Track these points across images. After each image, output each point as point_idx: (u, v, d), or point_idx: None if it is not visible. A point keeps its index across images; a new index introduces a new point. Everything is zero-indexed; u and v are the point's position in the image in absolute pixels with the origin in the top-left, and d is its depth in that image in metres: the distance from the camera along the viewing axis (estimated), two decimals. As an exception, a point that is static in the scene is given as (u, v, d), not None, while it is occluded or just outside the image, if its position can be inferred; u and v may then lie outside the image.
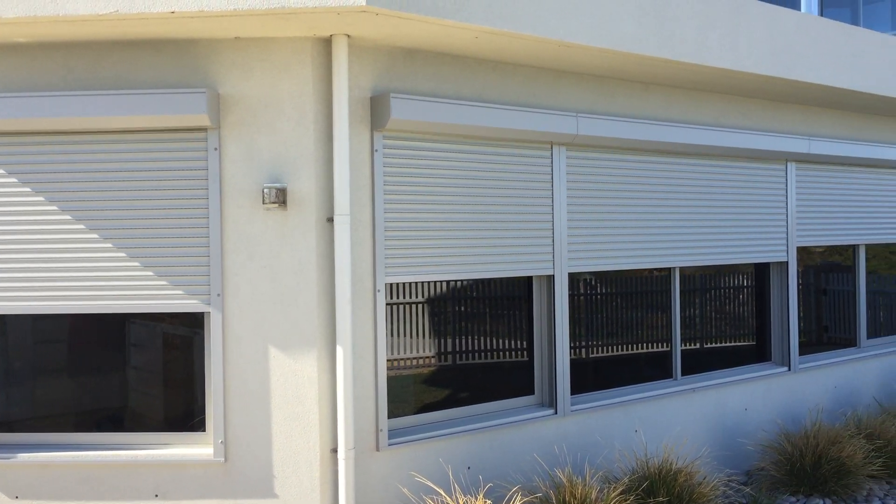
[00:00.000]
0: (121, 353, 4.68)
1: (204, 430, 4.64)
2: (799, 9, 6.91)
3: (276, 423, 4.52)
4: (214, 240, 4.49)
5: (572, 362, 5.75)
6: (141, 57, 4.51)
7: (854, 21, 9.03)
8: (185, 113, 4.34)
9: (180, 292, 4.51)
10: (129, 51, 4.52)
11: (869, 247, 8.09)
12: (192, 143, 4.51)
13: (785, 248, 6.99)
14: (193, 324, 4.64)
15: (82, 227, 4.52)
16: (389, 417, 4.90)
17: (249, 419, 4.53)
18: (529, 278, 5.52)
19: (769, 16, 5.86)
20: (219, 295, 4.49)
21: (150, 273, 4.50)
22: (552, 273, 5.48)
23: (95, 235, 4.51)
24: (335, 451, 4.56)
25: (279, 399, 4.52)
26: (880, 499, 6.01)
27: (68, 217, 4.52)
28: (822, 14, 7.01)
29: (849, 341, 7.87)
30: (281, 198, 4.43)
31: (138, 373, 4.68)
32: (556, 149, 5.46)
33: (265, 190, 4.40)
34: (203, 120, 4.38)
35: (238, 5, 3.96)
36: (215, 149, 4.49)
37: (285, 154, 4.50)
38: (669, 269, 6.33)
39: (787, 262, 7.00)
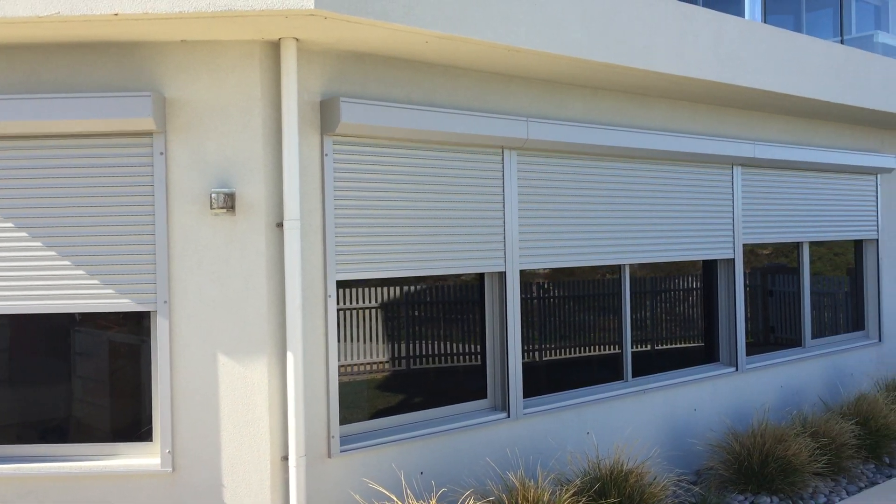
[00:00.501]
0: (66, 362, 4.57)
1: (151, 440, 4.56)
2: (743, 16, 7.05)
3: (226, 431, 4.46)
4: (161, 245, 4.42)
5: (526, 366, 5.78)
6: (85, 60, 4.43)
7: (797, 28, 9.24)
8: (130, 116, 4.26)
9: (126, 299, 4.42)
10: (73, 53, 4.43)
11: (814, 249, 8.27)
12: (137, 148, 4.43)
13: (731, 246, 7.12)
14: (140, 331, 4.56)
15: (25, 232, 4.41)
16: (342, 423, 4.86)
17: (198, 428, 4.46)
18: (482, 281, 5.53)
19: (714, 23, 5.96)
20: (165, 301, 4.42)
21: (95, 280, 4.41)
22: (504, 270, 5.50)
23: (39, 242, 4.41)
24: (286, 458, 4.51)
25: (228, 407, 4.46)
26: (825, 496, 6.14)
27: (10, 221, 4.41)
28: (765, 21, 7.16)
29: (794, 341, 8.04)
30: (229, 203, 4.37)
31: (84, 382, 4.58)
32: (506, 153, 5.49)
33: (213, 195, 4.34)
34: (148, 124, 4.30)
35: (183, 8, 3.91)
36: (161, 153, 4.42)
37: (234, 158, 4.45)
38: (620, 271, 6.40)
39: (734, 260, 7.13)
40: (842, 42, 8.49)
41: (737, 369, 7.13)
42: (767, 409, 7.44)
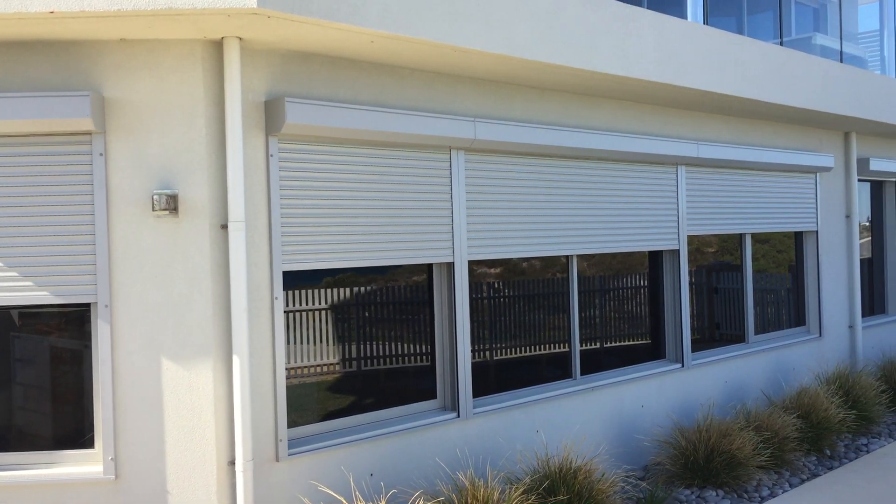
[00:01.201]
0: (6, 368, 4.44)
1: (93, 447, 4.46)
2: (686, 18, 7.17)
3: (170, 436, 4.38)
4: (101, 249, 4.33)
5: (476, 365, 5.79)
6: (20, 59, 4.31)
7: (739, 30, 9.42)
8: (68, 117, 4.16)
9: (66, 304, 4.32)
10: (8, 52, 4.31)
11: (757, 247, 8.45)
12: (76, 149, 4.33)
13: (676, 237, 7.23)
14: (82, 336, 4.45)
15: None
16: (291, 427, 4.82)
17: (141, 434, 4.38)
18: (430, 279, 5.53)
19: (657, 24, 6.05)
20: (107, 306, 4.32)
21: (32, 284, 4.30)
22: (452, 261, 5.49)
23: (-28, 246, 4.28)
24: (233, 463, 4.45)
25: (173, 412, 4.38)
26: (769, 488, 6.27)
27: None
28: (707, 23, 7.28)
29: (738, 337, 8.20)
30: (172, 204, 4.30)
31: (25, 389, 4.46)
32: (454, 153, 5.49)
33: (155, 196, 4.26)
34: (87, 124, 4.21)
35: (122, 6, 3.83)
36: (101, 154, 4.32)
37: (176, 160, 4.37)
38: (568, 267, 6.44)
39: (679, 251, 7.24)
40: (781, 44, 8.69)
41: (682, 366, 7.24)
42: (712, 404, 7.58)
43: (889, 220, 10.89)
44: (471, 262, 5.71)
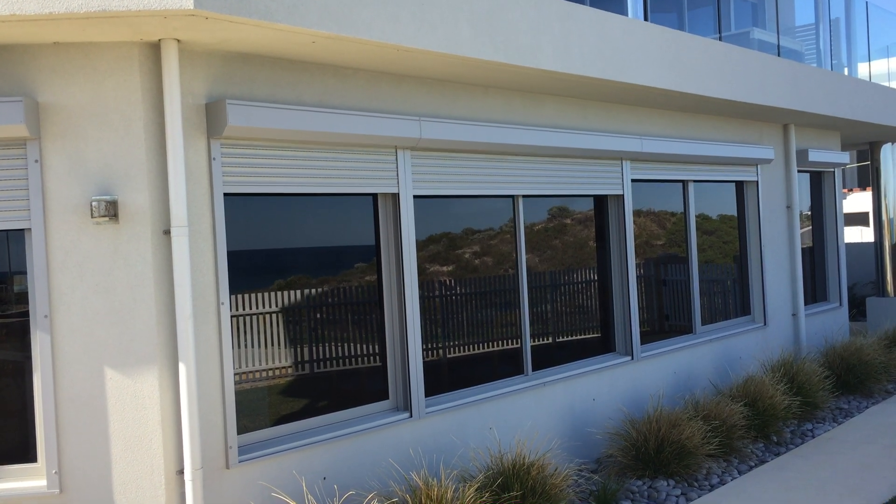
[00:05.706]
0: (-62, 384, 4.31)
1: (37, 461, 4.35)
2: (626, 14, 7.24)
3: (116, 447, 4.30)
4: (39, 258, 4.22)
5: (428, 364, 5.78)
6: (-52, 64, 4.18)
7: (680, 26, 9.54)
8: (0, 123, 4.05)
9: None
10: (-66, 57, 4.18)
11: (703, 238, 8.58)
12: (9, 156, 4.21)
13: (620, 183, 7.31)
14: (24, 348, 4.34)
15: None
16: (241, 432, 4.76)
17: (86, 446, 4.28)
18: (380, 283, 5.51)
19: (598, 21, 6.10)
20: (46, 316, 4.22)
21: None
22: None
23: None
24: (181, 472, 4.38)
25: (118, 423, 4.30)
26: (718, 476, 6.37)
27: None
28: (647, 19, 7.37)
29: (686, 328, 8.33)
30: (112, 211, 4.21)
31: (-38, 404, 4.34)
32: (400, 153, 5.47)
33: (93, 203, 4.17)
34: (21, 130, 4.10)
35: (54, 9, 3.73)
36: (36, 161, 4.21)
37: (115, 165, 4.28)
38: (517, 269, 6.48)
39: (623, 195, 7.32)
40: (720, 39, 8.84)
41: (632, 358, 7.33)
42: (662, 395, 7.68)
43: (828, 209, 11.17)
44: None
